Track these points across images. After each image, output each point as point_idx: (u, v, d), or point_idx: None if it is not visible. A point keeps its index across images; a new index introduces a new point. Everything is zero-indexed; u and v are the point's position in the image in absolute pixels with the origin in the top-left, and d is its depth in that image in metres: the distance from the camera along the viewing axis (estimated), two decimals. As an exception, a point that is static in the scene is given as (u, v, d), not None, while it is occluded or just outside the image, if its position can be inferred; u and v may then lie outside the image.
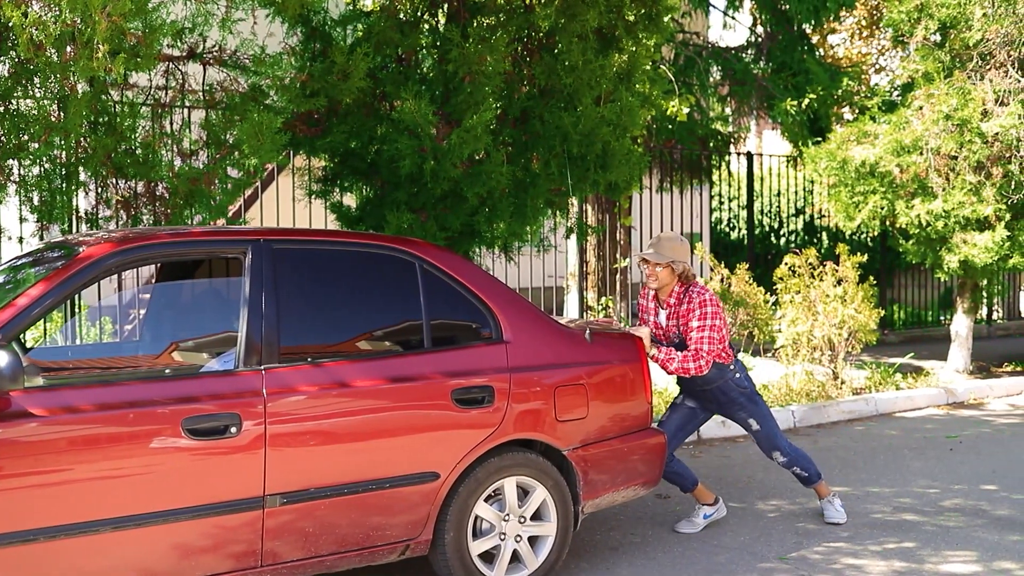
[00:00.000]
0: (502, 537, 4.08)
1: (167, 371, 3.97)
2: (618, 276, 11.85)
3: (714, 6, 13.39)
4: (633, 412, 4.51)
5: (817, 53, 13.74)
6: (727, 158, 14.18)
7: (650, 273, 4.88)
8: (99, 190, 5.77)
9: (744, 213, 17.71)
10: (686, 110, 11.18)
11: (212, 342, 4.05)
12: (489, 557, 4.08)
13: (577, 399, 4.25)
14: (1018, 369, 10.71)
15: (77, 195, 5.57)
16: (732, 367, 4.94)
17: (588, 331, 4.44)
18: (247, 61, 5.53)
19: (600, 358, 4.42)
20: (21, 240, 5.95)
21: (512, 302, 4.28)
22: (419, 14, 6.70)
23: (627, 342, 4.62)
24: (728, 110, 14.55)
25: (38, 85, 4.94)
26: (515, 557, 4.14)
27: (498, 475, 4.03)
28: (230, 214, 6.23)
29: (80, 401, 3.33)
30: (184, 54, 5.56)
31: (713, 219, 18.35)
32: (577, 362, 4.31)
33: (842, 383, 8.81)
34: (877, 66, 20.98)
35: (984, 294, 10.54)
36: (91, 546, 3.26)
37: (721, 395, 5.00)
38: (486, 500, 4.04)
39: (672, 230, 12.98)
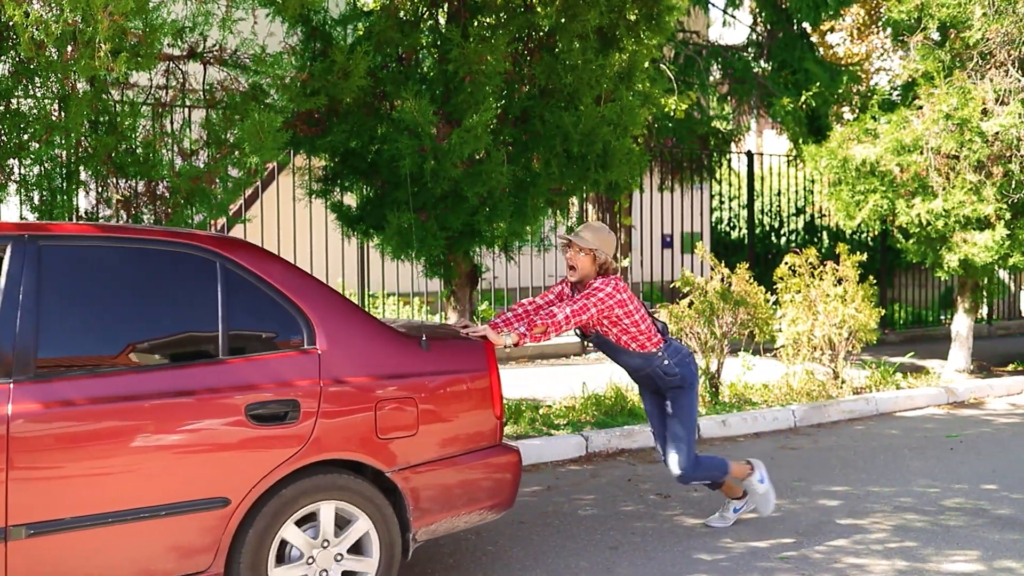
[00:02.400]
0: (311, 567, 3.66)
1: None
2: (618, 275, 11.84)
3: (714, 4, 13.39)
4: (478, 428, 4.09)
5: (817, 52, 13.75)
6: (727, 157, 14.18)
7: (571, 258, 4.73)
8: (100, 189, 5.76)
9: (744, 212, 17.72)
10: (685, 106, 11.18)
11: None
12: None
13: (405, 414, 3.85)
14: (1019, 368, 10.71)
15: (77, 194, 5.57)
16: (660, 353, 4.81)
17: (424, 337, 4.03)
18: (247, 60, 5.52)
19: (436, 368, 4.00)
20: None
21: (331, 306, 3.85)
22: (419, 13, 6.71)
23: (472, 349, 4.19)
24: (728, 109, 14.56)
25: (38, 84, 4.94)
26: None
27: (306, 500, 3.64)
28: (231, 213, 6.22)
29: None
30: (184, 53, 5.56)
31: (713, 218, 18.35)
32: (407, 373, 3.90)
33: (842, 382, 8.81)
34: (877, 67, 20.98)
35: (984, 293, 10.55)
36: None
37: (653, 381, 4.92)
38: (292, 528, 3.64)
39: (671, 229, 12.99)
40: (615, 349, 4.82)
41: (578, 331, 4.84)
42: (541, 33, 6.76)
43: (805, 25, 13.56)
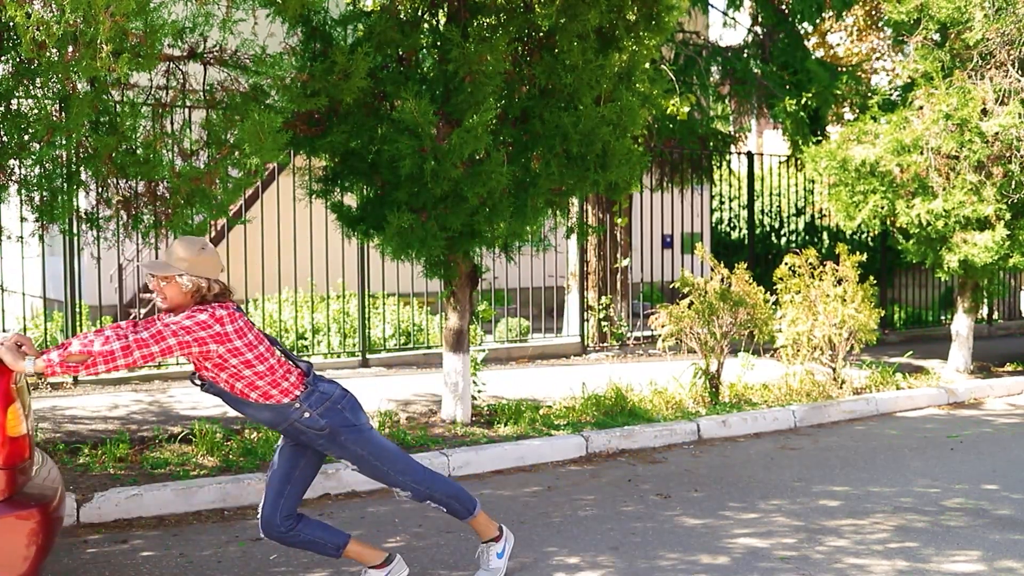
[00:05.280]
0: None
1: None
2: (619, 276, 11.85)
3: (713, 6, 13.39)
4: None
5: (817, 53, 13.76)
6: (727, 158, 14.18)
7: (155, 288, 3.72)
8: (100, 190, 5.77)
9: (744, 213, 17.73)
10: (686, 109, 11.19)
11: None
12: None
13: None
14: (1018, 369, 10.71)
15: (78, 195, 5.58)
16: (297, 405, 3.80)
17: None
18: (248, 61, 5.53)
19: None
20: (21, 240, 5.95)
21: None
22: (419, 14, 6.71)
23: None
24: (728, 109, 14.57)
25: (39, 85, 4.95)
26: None
27: None
28: (231, 213, 6.22)
29: None
30: (185, 54, 5.57)
31: (714, 219, 18.37)
32: None
33: (842, 383, 8.82)
34: (877, 67, 20.98)
35: (985, 294, 10.57)
36: None
37: (298, 438, 3.94)
38: None
39: (671, 229, 12.95)
40: (233, 400, 3.81)
41: (195, 376, 3.83)
42: (541, 33, 6.76)
43: (805, 25, 13.57)
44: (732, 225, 18.72)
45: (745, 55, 13.51)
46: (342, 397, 3.93)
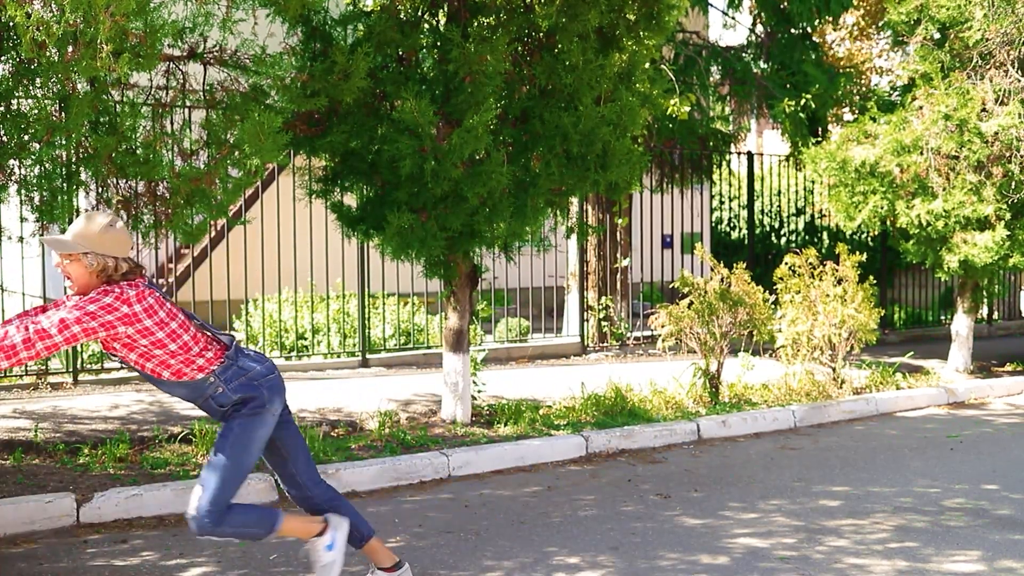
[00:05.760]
0: None
1: None
2: (618, 276, 11.85)
3: (713, 5, 13.40)
4: None
5: (820, 54, 13.77)
6: (727, 158, 14.19)
7: (58, 266, 3.54)
8: (100, 190, 5.77)
9: (744, 213, 17.74)
10: (686, 109, 11.20)
11: None
12: None
13: None
14: (1018, 369, 10.72)
15: (78, 195, 5.58)
16: (212, 379, 3.63)
17: None
18: (248, 61, 5.53)
19: None
20: (21, 240, 5.95)
21: None
22: (420, 14, 6.71)
23: None
24: (728, 109, 14.58)
25: (39, 85, 4.95)
26: None
27: None
28: (231, 214, 6.22)
29: None
30: (185, 54, 5.57)
31: (713, 219, 18.37)
32: None
33: (842, 383, 8.82)
34: (876, 67, 21.00)
35: (984, 294, 10.57)
36: None
37: (214, 415, 3.76)
38: None
39: (671, 229, 12.94)
40: (148, 378, 3.65)
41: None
42: (541, 33, 6.76)
43: (805, 26, 13.58)
44: (732, 225, 18.73)
45: (745, 55, 13.52)
46: (263, 376, 3.70)
